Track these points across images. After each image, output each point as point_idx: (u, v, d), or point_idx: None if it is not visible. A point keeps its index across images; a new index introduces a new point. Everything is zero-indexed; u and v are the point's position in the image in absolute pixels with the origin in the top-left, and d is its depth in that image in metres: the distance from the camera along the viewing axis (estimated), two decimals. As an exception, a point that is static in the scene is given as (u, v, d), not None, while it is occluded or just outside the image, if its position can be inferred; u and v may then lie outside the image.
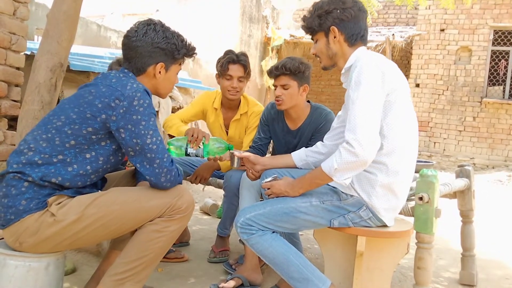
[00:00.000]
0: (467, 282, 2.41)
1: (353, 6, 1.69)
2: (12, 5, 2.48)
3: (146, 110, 1.49)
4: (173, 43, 1.64)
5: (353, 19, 1.69)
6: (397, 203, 1.68)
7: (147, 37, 1.60)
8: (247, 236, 1.64)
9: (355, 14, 1.69)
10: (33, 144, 1.49)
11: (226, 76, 2.51)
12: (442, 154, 9.24)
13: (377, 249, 1.73)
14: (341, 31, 1.70)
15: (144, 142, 1.48)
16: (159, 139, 1.52)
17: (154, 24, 1.64)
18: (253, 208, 1.69)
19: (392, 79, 1.59)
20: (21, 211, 1.42)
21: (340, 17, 1.69)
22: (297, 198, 1.67)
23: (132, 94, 1.48)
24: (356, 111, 1.51)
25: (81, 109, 1.49)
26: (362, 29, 1.72)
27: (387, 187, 1.62)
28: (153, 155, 1.50)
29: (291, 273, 1.61)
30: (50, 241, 1.45)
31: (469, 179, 2.33)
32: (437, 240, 2.06)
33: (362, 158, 1.48)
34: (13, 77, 2.54)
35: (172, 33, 1.66)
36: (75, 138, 1.48)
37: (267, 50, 10.56)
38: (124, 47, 1.64)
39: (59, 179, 1.47)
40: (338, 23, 1.69)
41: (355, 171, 1.53)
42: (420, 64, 9.50)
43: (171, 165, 1.53)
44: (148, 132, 1.49)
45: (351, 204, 1.65)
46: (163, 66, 1.65)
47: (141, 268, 1.52)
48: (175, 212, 1.54)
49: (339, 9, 1.68)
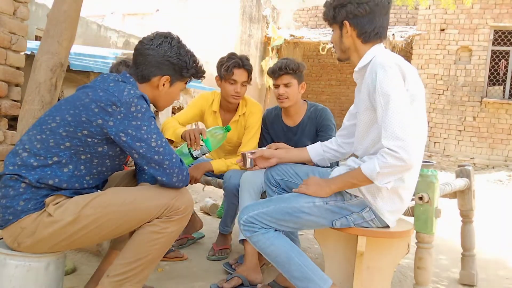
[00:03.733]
0: (467, 282, 2.41)
1: (370, 1, 1.62)
2: (12, 5, 2.48)
3: (144, 115, 1.49)
4: (184, 61, 1.65)
5: (368, 14, 1.62)
6: (402, 206, 1.67)
7: (160, 48, 1.61)
8: (250, 233, 1.65)
9: (371, 9, 1.62)
10: (28, 145, 1.48)
11: (230, 80, 2.48)
12: (442, 154, 9.24)
13: (377, 249, 1.73)
14: (353, 26, 1.64)
15: (149, 145, 1.48)
16: (164, 141, 1.52)
17: (171, 38, 1.65)
18: (256, 206, 1.69)
19: (412, 85, 1.55)
20: (19, 211, 1.42)
21: (354, 12, 1.62)
22: (300, 198, 1.67)
23: (129, 100, 1.48)
24: (391, 118, 1.46)
25: (77, 111, 1.49)
26: (377, 26, 1.64)
27: (393, 190, 1.60)
28: (161, 157, 1.50)
29: (292, 272, 1.61)
30: (48, 242, 1.45)
31: (469, 179, 2.33)
32: (437, 240, 2.07)
33: (409, 163, 1.44)
34: (13, 77, 2.53)
35: (186, 51, 1.67)
36: (70, 140, 1.48)
37: (267, 50, 10.56)
38: (136, 52, 1.65)
39: (56, 180, 1.46)
40: (351, 18, 1.63)
41: (398, 175, 1.52)
42: (420, 64, 9.50)
43: (181, 164, 1.55)
44: (151, 136, 1.49)
45: (354, 205, 1.64)
46: (168, 80, 1.65)
47: (140, 270, 1.51)
48: (174, 213, 1.53)
49: (354, 4, 1.62)
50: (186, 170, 1.57)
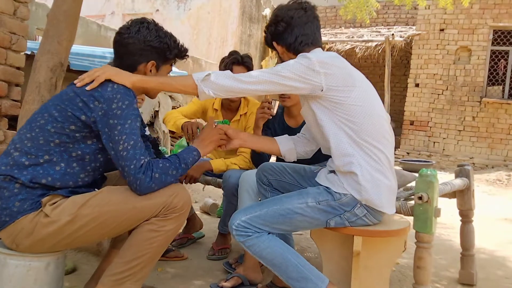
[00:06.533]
0: (467, 282, 2.41)
1: (284, 18, 1.73)
2: (12, 5, 2.48)
3: (124, 112, 1.46)
4: (165, 43, 1.64)
5: (286, 29, 1.74)
6: (390, 185, 1.64)
7: (139, 34, 1.60)
8: (243, 238, 1.62)
9: (287, 24, 1.73)
10: (19, 144, 1.48)
11: None
12: (442, 153, 9.25)
13: (374, 248, 1.73)
14: (280, 44, 1.78)
15: (117, 147, 1.45)
16: (131, 144, 1.46)
17: (147, 22, 1.64)
18: (248, 210, 1.67)
19: (333, 73, 1.62)
20: (15, 212, 1.42)
21: (274, 32, 1.77)
22: (293, 199, 1.66)
23: (111, 96, 1.47)
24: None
25: (63, 106, 1.48)
26: (299, 36, 1.73)
27: (371, 176, 1.59)
28: (123, 162, 1.45)
29: (289, 273, 1.60)
30: (46, 242, 1.45)
31: (469, 179, 2.34)
32: (437, 240, 2.07)
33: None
34: (13, 76, 2.54)
35: (165, 33, 1.66)
36: (58, 136, 1.47)
37: (267, 50, 10.56)
38: (116, 44, 1.64)
39: (49, 179, 1.46)
40: (275, 37, 1.78)
41: (222, 94, 1.63)
42: (420, 64, 9.50)
43: (138, 172, 1.45)
44: (121, 137, 1.45)
45: (345, 203, 1.63)
46: (154, 65, 1.64)
47: (139, 268, 1.51)
48: (171, 211, 1.52)
49: (273, 25, 1.77)
50: (145, 179, 1.45)
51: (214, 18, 9.50)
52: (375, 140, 1.63)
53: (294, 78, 1.59)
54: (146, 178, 1.46)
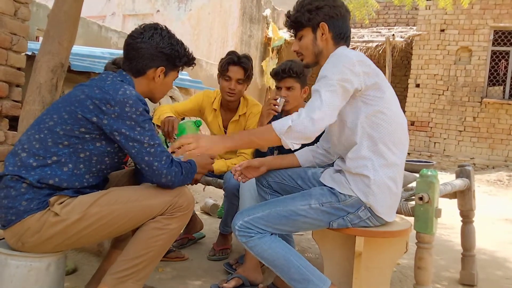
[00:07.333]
0: (467, 282, 2.41)
1: (342, 6, 1.71)
2: (13, 6, 2.48)
3: (139, 117, 1.50)
4: (176, 50, 1.67)
5: (341, 18, 1.70)
6: (395, 199, 1.66)
7: (152, 40, 1.62)
8: (246, 239, 1.63)
9: (343, 14, 1.71)
10: (27, 144, 1.49)
11: (225, 77, 2.51)
12: (442, 154, 9.24)
13: (375, 249, 1.73)
14: (330, 28, 1.69)
15: (141, 146, 1.50)
16: (157, 143, 1.53)
17: (161, 29, 1.66)
18: (251, 210, 1.68)
19: (370, 72, 1.60)
20: (22, 211, 1.43)
21: (331, 14, 1.68)
22: (296, 200, 1.66)
23: (123, 99, 1.48)
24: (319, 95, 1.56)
25: (73, 108, 1.50)
26: (348, 30, 1.73)
27: (383, 184, 1.60)
28: (151, 158, 1.51)
29: (291, 275, 1.60)
30: (53, 241, 1.46)
31: (469, 179, 2.33)
32: (437, 240, 2.07)
33: (312, 132, 1.53)
34: (14, 77, 2.54)
35: (176, 41, 1.69)
36: (67, 138, 1.49)
37: (267, 50, 10.57)
38: (127, 47, 1.65)
39: (56, 180, 1.47)
40: (327, 19, 1.68)
41: (303, 140, 1.56)
42: (420, 65, 9.50)
43: (169, 166, 1.54)
44: (144, 137, 1.50)
45: (350, 205, 1.63)
46: (163, 71, 1.67)
47: (142, 266, 1.53)
48: (176, 210, 1.56)
49: (330, 6, 1.68)
50: (176, 171, 1.56)
51: (215, 19, 9.51)
52: (395, 145, 1.62)
53: (343, 79, 1.56)
54: (178, 172, 1.56)
